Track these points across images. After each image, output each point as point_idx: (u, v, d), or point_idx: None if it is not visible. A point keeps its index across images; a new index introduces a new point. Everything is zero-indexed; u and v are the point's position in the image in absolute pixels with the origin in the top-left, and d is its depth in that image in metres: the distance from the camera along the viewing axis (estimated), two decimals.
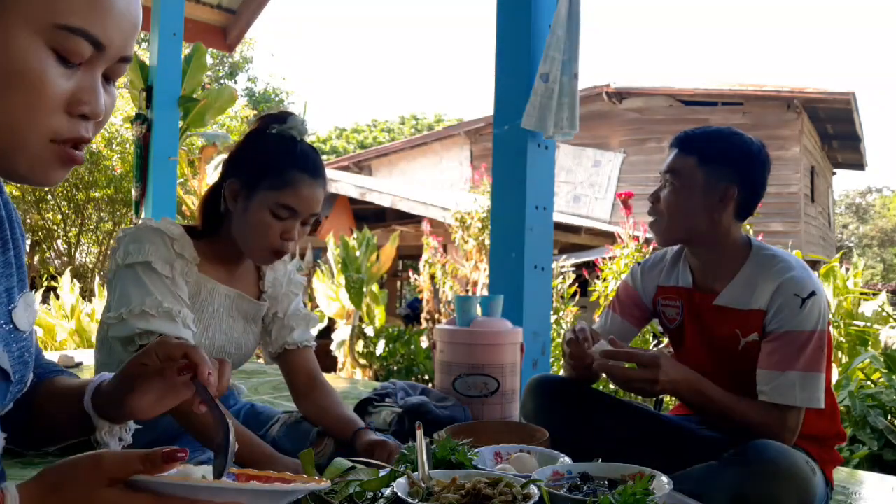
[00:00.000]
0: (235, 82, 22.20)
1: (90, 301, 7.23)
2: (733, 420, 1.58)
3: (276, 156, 1.50)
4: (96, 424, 0.91)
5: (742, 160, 1.67)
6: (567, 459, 1.33)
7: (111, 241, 10.16)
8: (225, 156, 1.63)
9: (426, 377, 6.93)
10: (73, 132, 0.71)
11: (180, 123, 5.11)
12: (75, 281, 7.35)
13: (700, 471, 1.47)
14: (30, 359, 0.87)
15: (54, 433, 0.96)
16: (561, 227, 8.74)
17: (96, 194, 11.04)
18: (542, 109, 2.79)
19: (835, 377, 3.94)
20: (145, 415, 0.89)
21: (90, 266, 11.30)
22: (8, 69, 0.67)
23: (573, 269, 6.23)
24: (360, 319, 7.67)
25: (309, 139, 1.59)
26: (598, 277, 5.02)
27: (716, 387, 1.59)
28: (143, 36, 8.38)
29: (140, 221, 1.54)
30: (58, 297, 6.95)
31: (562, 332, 5.08)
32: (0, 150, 0.70)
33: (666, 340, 1.93)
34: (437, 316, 7.49)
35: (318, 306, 8.02)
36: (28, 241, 0.90)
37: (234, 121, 12.82)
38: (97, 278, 8.58)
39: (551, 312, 3.87)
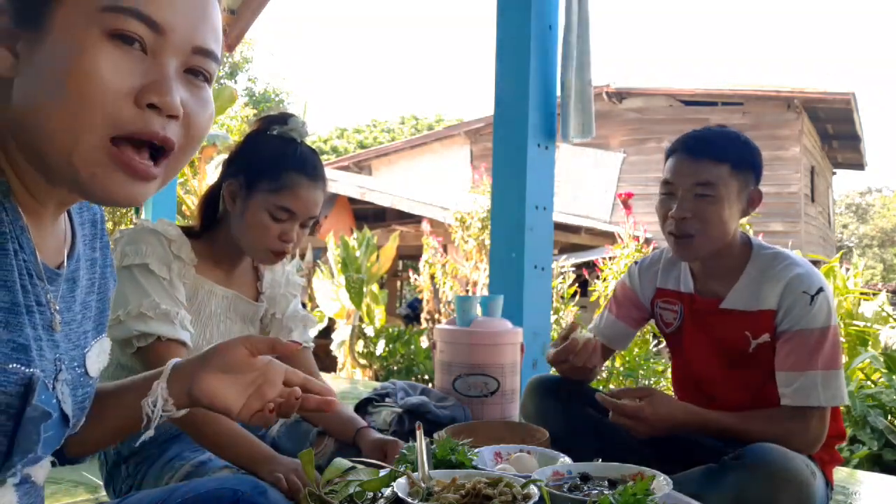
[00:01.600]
0: (235, 82, 22.18)
1: None
2: (751, 440, 1.51)
3: (275, 158, 1.50)
4: (154, 390, 0.87)
5: (759, 161, 1.67)
6: (567, 459, 1.33)
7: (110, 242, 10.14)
8: (225, 156, 1.62)
9: (426, 377, 6.93)
10: (140, 124, 0.66)
11: None
12: None
13: (699, 473, 1.47)
14: (88, 405, 0.84)
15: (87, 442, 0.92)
16: (561, 227, 8.75)
17: None
18: (566, 117, 2.87)
19: None
20: (210, 396, 0.86)
21: None
22: (67, 66, 0.63)
23: (573, 269, 6.23)
24: (360, 319, 7.67)
25: (309, 139, 1.59)
26: (598, 277, 5.02)
27: (722, 415, 1.57)
28: None
29: (138, 222, 1.54)
30: None
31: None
32: (64, 161, 0.66)
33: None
34: (437, 316, 7.49)
35: (318, 306, 8.03)
36: None
37: (234, 121, 12.80)
38: None
39: (551, 312, 3.87)
